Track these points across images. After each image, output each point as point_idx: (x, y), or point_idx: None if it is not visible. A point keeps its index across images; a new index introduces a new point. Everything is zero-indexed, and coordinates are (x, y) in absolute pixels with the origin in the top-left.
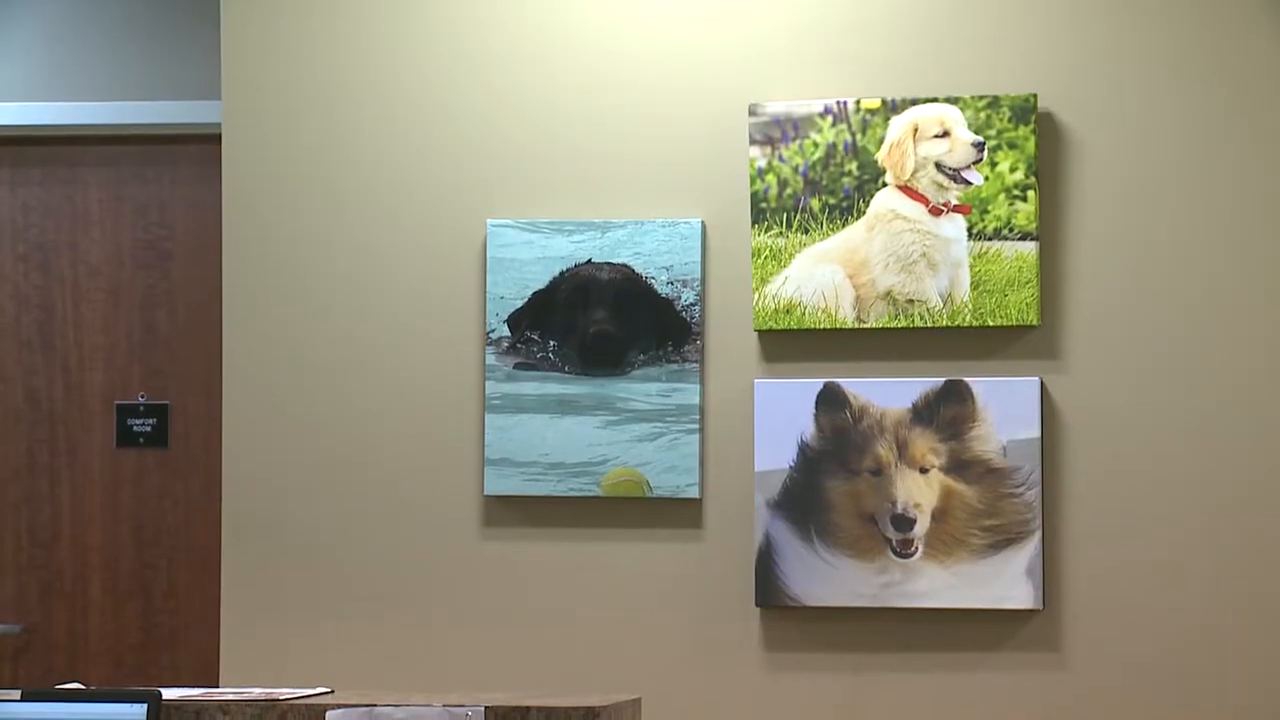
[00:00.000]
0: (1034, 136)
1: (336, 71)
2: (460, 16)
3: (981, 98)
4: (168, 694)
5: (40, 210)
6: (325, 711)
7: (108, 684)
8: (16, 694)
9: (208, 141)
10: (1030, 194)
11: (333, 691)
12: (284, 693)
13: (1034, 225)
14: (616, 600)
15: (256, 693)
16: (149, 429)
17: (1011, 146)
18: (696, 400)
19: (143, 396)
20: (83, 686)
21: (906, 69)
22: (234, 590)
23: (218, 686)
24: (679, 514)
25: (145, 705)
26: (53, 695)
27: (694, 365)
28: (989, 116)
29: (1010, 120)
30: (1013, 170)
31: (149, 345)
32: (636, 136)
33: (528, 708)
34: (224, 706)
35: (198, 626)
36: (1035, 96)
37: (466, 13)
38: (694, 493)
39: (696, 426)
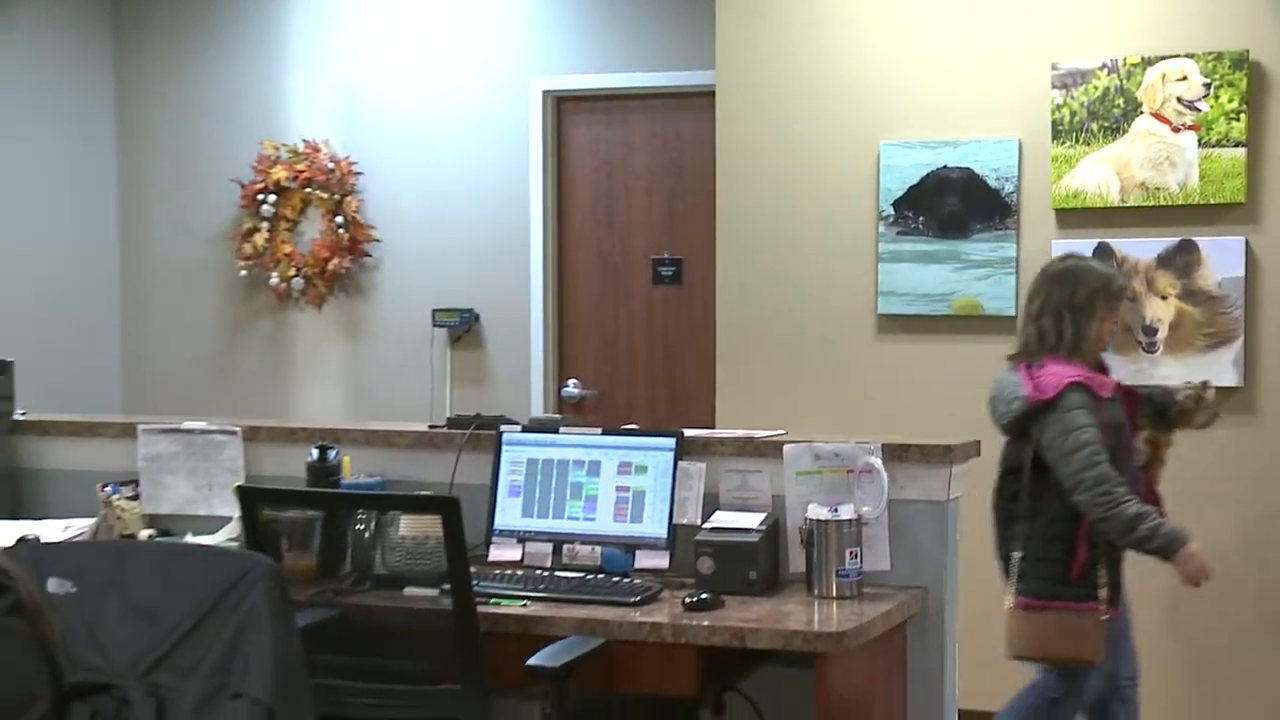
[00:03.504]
0: (1246, 79)
1: (787, 55)
2: (860, 15)
3: (1210, 53)
4: (688, 432)
5: (605, 140)
6: (783, 445)
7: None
8: (598, 430)
9: (706, 96)
10: (1242, 117)
11: (786, 433)
12: (757, 433)
13: (1244, 137)
14: (959, 383)
15: (740, 433)
16: (671, 274)
17: (1230, 85)
18: (1013, 254)
19: (667, 253)
20: (635, 426)
21: (1159, 34)
22: (725, 373)
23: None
24: (1000, 325)
25: (674, 439)
26: (621, 431)
27: (1012, 232)
28: (1214, 65)
29: (1229, 67)
30: (1229, 101)
31: (670, 221)
32: (977, 83)
33: (908, 445)
34: (722, 440)
35: (702, 399)
36: (1248, 51)
37: (868, 12)
38: (1010, 311)
39: (1013, 269)
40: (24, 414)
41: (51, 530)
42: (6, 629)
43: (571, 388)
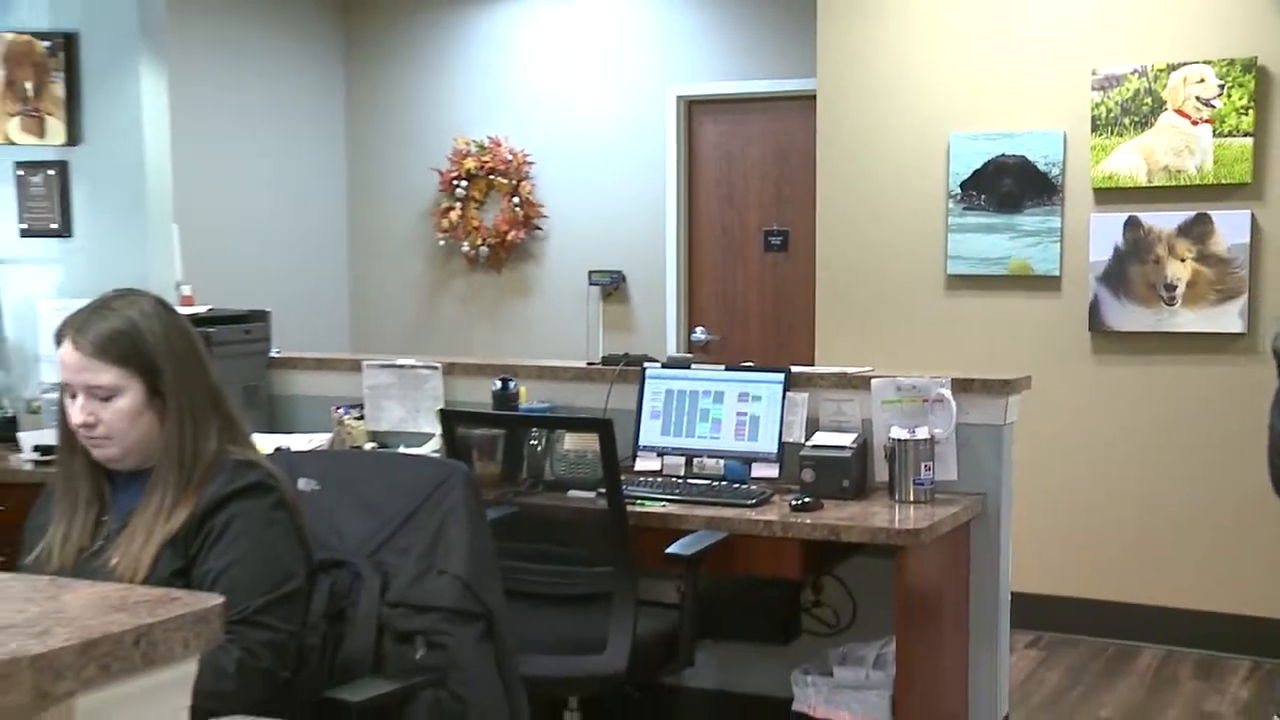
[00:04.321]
0: (1254, 80)
1: (874, 64)
2: (932, 29)
3: (1224, 59)
4: (794, 369)
5: (727, 134)
6: (871, 379)
7: (763, 365)
8: (722, 366)
9: (809, 99)
10: (1250, 112)
11: (874, 369)
12: (849, 369)
13: (1251, 128)
14: (1013, 329)
15: (835, 369)
16: (779, 242)
17: (1240, 86)
18: (1058, 225)
19: (776, 226)
20: (751, 364)
21: (1181, 44)
22: (823, 322)
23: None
24: (1047, 283)
25: (783, 374)
26: (740, 367)
27: (1057, 207)
28: (1227, 69)
29: (1240, 71)
30: (1240, 99)
31: (779, 200)
32: (1030, 86)
33: (972, 379)
34: (822, 376)
35: (804, 343)
36: (1256, 57)
37: (939, 26)
38: (1055, 272)
39: (1058, 238)
40: (278, 352)
41: (299, 442)
42: (275, 520)
43: (699, 333)
